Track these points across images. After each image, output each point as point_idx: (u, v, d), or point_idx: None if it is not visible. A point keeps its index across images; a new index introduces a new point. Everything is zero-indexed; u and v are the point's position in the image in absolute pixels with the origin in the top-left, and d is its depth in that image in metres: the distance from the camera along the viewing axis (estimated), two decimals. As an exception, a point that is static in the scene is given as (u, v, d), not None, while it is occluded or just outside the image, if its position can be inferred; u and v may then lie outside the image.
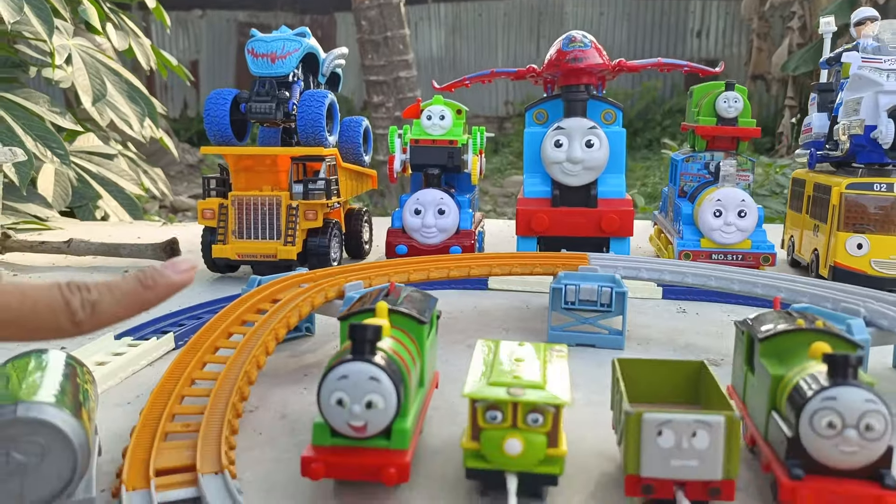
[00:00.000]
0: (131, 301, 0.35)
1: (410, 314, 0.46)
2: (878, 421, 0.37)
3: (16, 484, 0.35)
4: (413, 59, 4.43)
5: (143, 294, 0.36)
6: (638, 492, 0.39)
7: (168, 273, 0.37)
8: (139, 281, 0.36)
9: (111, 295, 0.34)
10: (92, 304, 0.34)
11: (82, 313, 0.33)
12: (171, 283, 0.37)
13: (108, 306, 0.34)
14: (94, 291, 0.34)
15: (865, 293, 0.64)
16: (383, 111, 4.32)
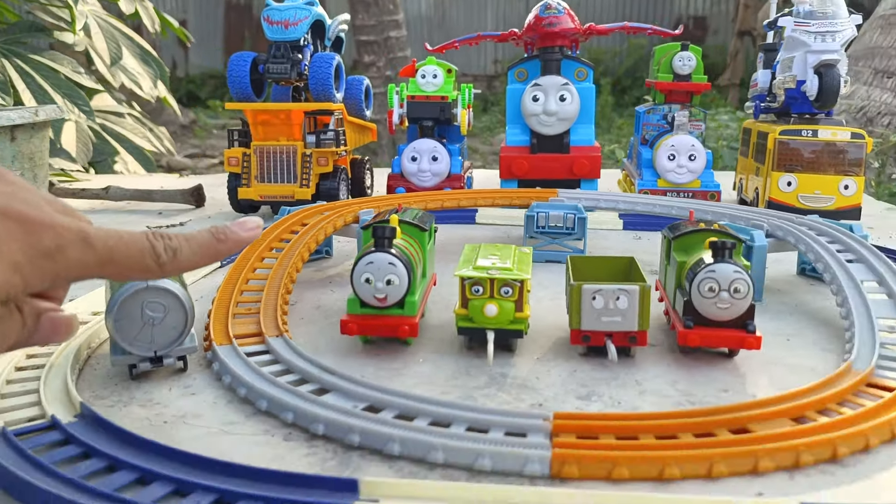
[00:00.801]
0: (206, 251, 0.39)
1: (414, 223, 0.62)
2: (743, 286, 0.53)
3: (148, 333, 0.51)
4: (403, 19, 4.51)
5: (216, 246, 0.40)
6: (580, 341, 0.56)
7: (237, 230, 0.41)
8: (213, 234, 0.40)
9: (188, 244, 0.39)
10: (174, 251, 0.38)
11: (165, 256, 0.37)
12: (240, 239, 0.41)
13: (187, 253, 0.38)
14: (175, 240, 0.38)
15: (773, 214, 0.80)
16: (374, 70, 4.41)
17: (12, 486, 0.37)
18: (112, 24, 1.86)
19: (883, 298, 0.61)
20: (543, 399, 0.50)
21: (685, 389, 0.51)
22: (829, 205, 1.03)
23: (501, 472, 0.40)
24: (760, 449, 0.40)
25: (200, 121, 6.51)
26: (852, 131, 1.03)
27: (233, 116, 7.07)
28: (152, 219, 1.13)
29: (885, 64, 3.23)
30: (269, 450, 0.43)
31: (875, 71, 3.24)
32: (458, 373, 0.54)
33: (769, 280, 0.79)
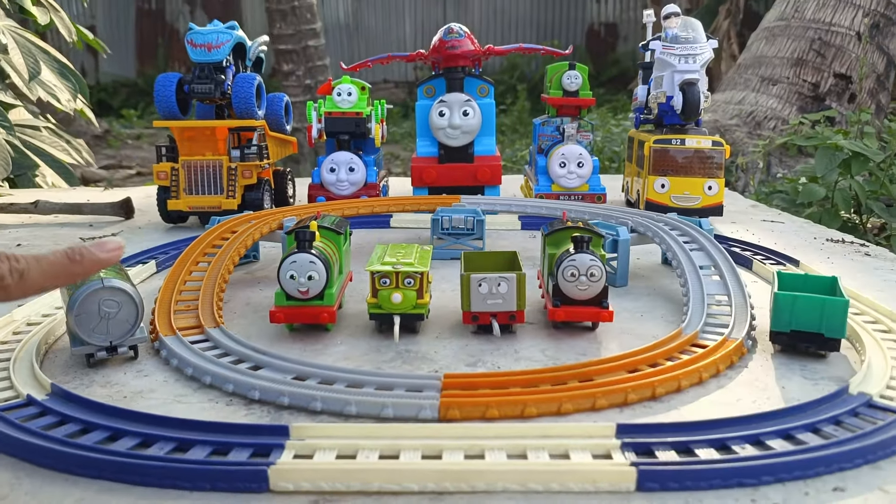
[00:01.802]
0: (57, 273, 0.38)
1: (331, 227, 0.73)
2: (598, 271, 0.66)
3: (104, 325, 0.60)
4: (321, 28, 4.57)
5: (69, 267, 0.38)
6: (470, 321, 0.68)
7: (95, 251, 0.40)
8: (67, 255, 0.39)
9: (38, 266, 0.37)
10: (20, 273, 0.36)
11: (10, 279, 0.36)
12: (97, 260, 0.40)
13: (35, 275, 0.37)
14: (23, 261, 0.37)
15: (638, 213, 0.95)
16: (293, 79, 4.47)
17: (13, 448, 0.46)
18: (28, 38, 1.89)
19: (715, 280, 0.76)
20: (439, 367, 0.61)
21: (552, 355, 0.64)
22: (696, 203, 1.19)
23: (402, 418, 0.51)
24: (598, 391, 0.53)
25: (114, 130, 6.38)
26: (713, 139, 1.19)
27: (147, 126, 6.95)
28: (84, 230, 1.19)
29: (770, 72, 3.52)
30: (214, 413, 0.53)
31: (762, 78, 3.53)
32: (370, 350, 0.65)
33: (638, 268, 0.94)
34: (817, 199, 1.94)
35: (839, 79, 3.41)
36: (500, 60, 8.42)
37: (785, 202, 2.10)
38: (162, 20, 8.51)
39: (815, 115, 3.09)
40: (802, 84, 3.42)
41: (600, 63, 8.11)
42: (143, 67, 8.45)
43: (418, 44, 8.37)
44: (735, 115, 3.45)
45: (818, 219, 1.96)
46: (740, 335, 0.64)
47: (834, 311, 0.62)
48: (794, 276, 0.70)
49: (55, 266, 0.38)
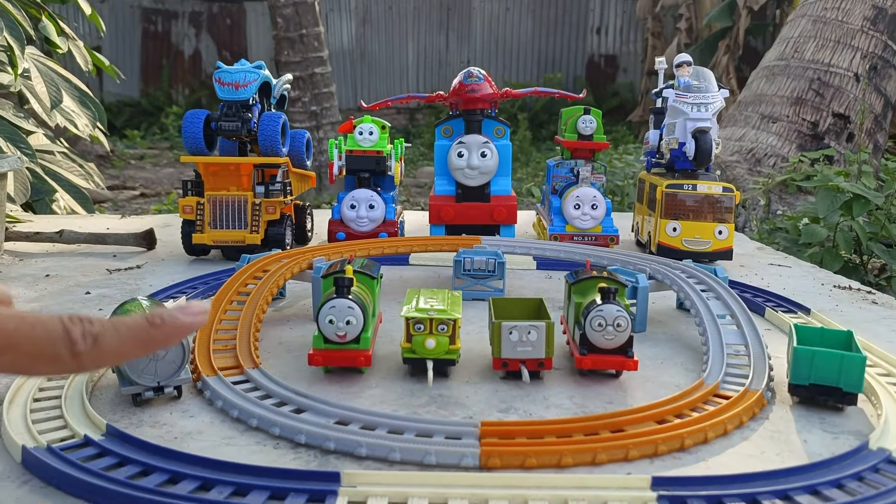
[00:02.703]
0: (136, 338, 0.33)
1: (366, 272, 0.76)
2: (624, 321, 0.69)
3: (153, 366, 0.63)
4: (328, 56, 4.64)
5: (149, 331, 0.34)
6: (500, 367, 0.70)
7: (178, 315, 0.35)
8: (147, 319, 0.34)
9: (115, 330, 0.32)
10: (94, 337, 0.32)
11: (83, 344, 0.31)
12: (181, 325, 0.35)
13: (111, 340, 0.32)
14: (98, 324, 0.32)
15: (655, 259, 0.98)
16: (300, 106, 4.53)
17: (77, 489, 0.49)
18: (50, 66, 1.93)
19: (733, 329, 0.79)
20: (472, 413, 0.64)
21: (580, 403, 0.67)
22: (706, 247, 1.22)
23: (444, 465, 0.54)
24: (630, 443, 0.56)
25: (118, 151, 6.43)
26: (724, 185, 1.22)
27: (151, 147, 7.00)
28: (108, 261, 1.22)
29: (770, 110, 3.58)
30: (263, 456, 0.55)
31: (762, 116, 3.59)
32: (404, 394, 0.68)
33: (654, 312, 0.96)
34: (819, 240, 1.98)
35: (838, 118, 3.48)
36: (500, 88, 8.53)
37: (787, 241, 2.14)
38: (168, 42, 8.61)
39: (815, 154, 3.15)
40: (802, 122, 3.49)
41: (599, 94, 8.22)
42: (147, 88, 8.53)
43: (420, 71, 8.48)
44: (736, 151, 3.51)
45: (820, 259, 2.00)
46: (760, 386, 0.67)
47: (852, 366, 0.64)
48: (810, 330, 0.73)
49: (134, 331, 0.33)
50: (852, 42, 3.46)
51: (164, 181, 5.45)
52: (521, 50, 8.50)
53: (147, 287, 1.05)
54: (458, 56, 8.39)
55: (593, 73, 8.50)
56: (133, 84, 8.57)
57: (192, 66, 8.63)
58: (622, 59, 8.52)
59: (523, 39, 8.46)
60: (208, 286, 1.02)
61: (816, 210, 2.03)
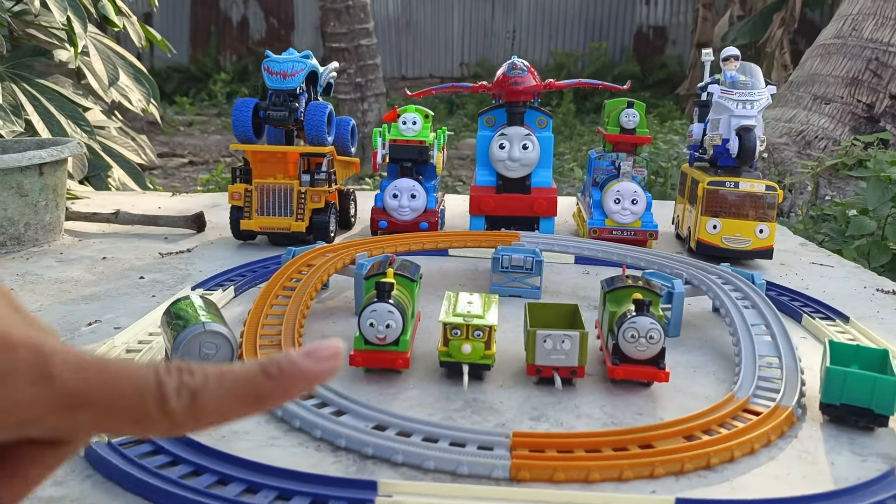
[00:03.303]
0: (245, 394, 0.25)
1: (406, 275, 0.78)
2: (657, 334, 0.71)
3: (204, 365, 0.66)
4: (373, 28, 4.63)
5: (263, 386, 0.25)
6: (534, 373, 0.72)
7: (301, 362, 0.26)
8: (262, 368, 0.26)
9: (219, 382, 0.25)
10: (192, 392, 0.25)
11: (177, 401, 0.24)
12: (305, 375, 0.26)
13: (213, 396, 0.25)
14: (199, 375, 0.25)
15: (692, 263, 0.99)
16: (345, 77, 4.54)
17: (133, 485, 0.53)
18: (106, 44, 1.98)
19: (767, 340, 0.80)
20: (505, 420, 0.66)
21: (610, 413, 0.68)
22: (746, 246, 1.21)
23: (475, 475, 0.56)
24: (656, 460, 0.58)
25: (167, 117, 6.55)
26: (766, 184, 1.21)
27: (199, 113, 7.11)
28: (160, 244, 1.27)
29: (823, 90, 3.48)
30: (305, 458, 0.59)
31: (814, 97, 3.49)
32: (440, 398, 0.70)
33: (690, 316, 0.97)
34: (868, 232, 1.94)
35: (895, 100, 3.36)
36: (546, 59, 8.41)
37: (834, 232, 2.10)
38: (216, 8, 8.68)
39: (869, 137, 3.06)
40: (856, 104, 3.38)
41: (647, 65, 8.05)
42: (196, 54, 8.64)
43: (465, 41, 8.41)
44: (784, 133, 3.42)
45: (867, 251, 1.96)
46: (791, 403, 0.68)
47: (885, 389, 0.65)
48: (845, 347, 0.73)
49: (243, 385, 0.25)
50: (914, 21, 3.33)
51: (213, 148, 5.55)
52: (567, 20, 8.36)
53: (197, 273, 1.09)
54: (503, 26, 8.29)
55: (641, 44, 8.32)
56: (182, 50, 8.68)
57: (240, 33, 8.70)
58: (671, 31, 8.31)
59: (570, 9, 8.31)
60: (256, 275, 1.06)
61: (865, 201, 1.99)
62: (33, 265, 1.11)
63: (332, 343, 0.26)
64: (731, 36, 6.67)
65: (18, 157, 1.12)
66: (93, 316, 0.90)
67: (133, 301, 0.96)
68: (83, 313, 0.91)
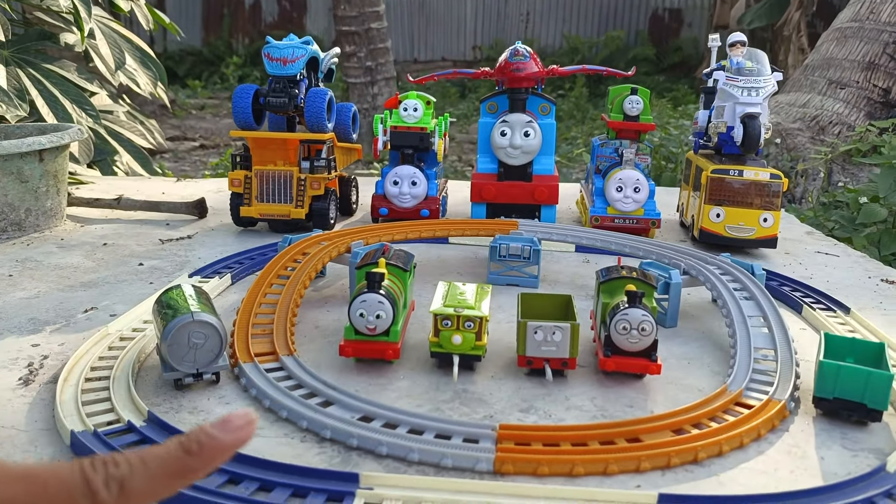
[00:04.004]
0: (169, 473, 0.28)
1: (398, 265, 0.78)
2: (649, 326, 0.70)
3: (192, 354, 0.66)
4: (384, 11, 4.60)
5: (184, 462, 0.28)
6: (525, 364, 0.72)
7: (218, 434, 0.28)
8: (180, 445, 0.28)
9: (143, 467, 0.28)
10: (119, 482, 0.27)
11: (106, 493, 0.26)
12: (222, 446, 0.28)
13: (141, 482, 0.27)
14: (124, 465, 0.27)
15: (691, 252, 0.98)
16: (355, 61, 4.53)
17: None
18: (113, 27, 1.98)
19: (764, 332, 0.79)
20: (494, 412, 0.66)
21: (601, 405, 0.68)
22: (750, 234, 1.20)
23: (459, 468, 0.56)
24: (642, 454, 0.57)
25: (179, 100, 6.56)
26: (771, 172, 1.20)
27: (211, 97, 7.12)
28: (161, 230, 1.27)
29: (838, 75, 3.42)
30: (290, 449, 0.59)
31: (829, 81, 3.44)
32: (430, 388, 0.70)
33: (689, 306, 0.96)
34: (878, 219, 1.92)
35: (912, 85, 3.30)
36: (559, 42, 8.34)
37: (844, 220, 2.08)
38: (228, -10, 8.66)
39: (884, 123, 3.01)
40: (872, 89, 3.33)
41: (663, 49, 7.96)
42: (208, 37, 8.64)
43: (478, 23, 8.34)
44: (798, 118, 3.38)
45: (878, 239, 1.94)
46: (784, 396, 0.67)
47: (878, 383, 0.64)
48: (841, 340, 0.72)
49: (166, 465, 0.28)
50: (934, 4, 3.26)
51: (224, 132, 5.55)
52: (582, 3, 8.27)
53: (196, 260, 1.09)
54: (517, 9, 8.22)
55: (657, 27, 8.23)
56: (195, 33, 8.68)
57: (252, 16, 8.68)
58: (687, 13, 8.21)
59: (587, -4, 8.22)
60: (254, 262, 1.06)
61: (877, 188, 1.96)
62: (34, 251, 1.12)
63: (243, 412, 0.29)
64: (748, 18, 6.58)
65: (18, 143, 1.12)
66: (90, 303, 0.90)
67: (131, 288, 0.97)
68: (80, 300, 0.91)
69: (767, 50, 6.81)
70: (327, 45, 7.82)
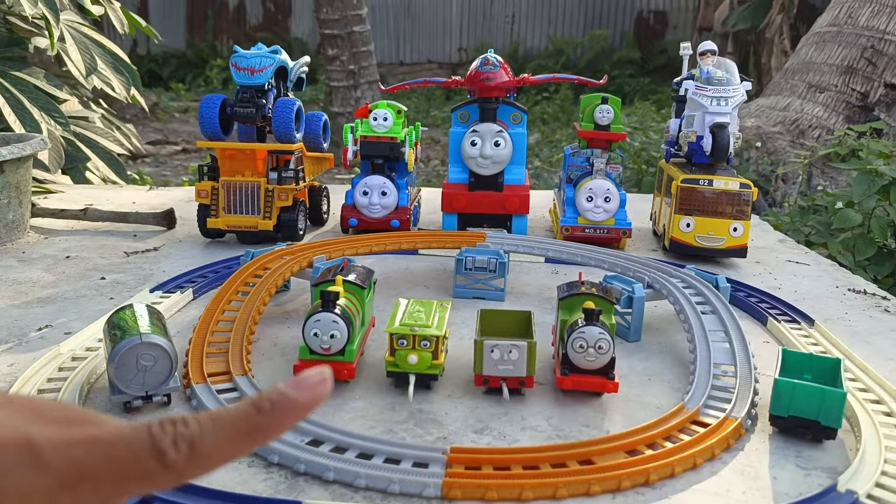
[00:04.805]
0: (241, 432, 0.27)
1: (356, 283, 0.77)
2: (605, 344, 0.69)
3: (141, 377, 0.65)
4: (367, 14, 4.59)
5: (256, 422, 0.27)
6: (482, 383, 0.71)
7: (291, 392, 0.27)
8: (254, 404, 0.27)
9: (214, 427, 0.26)
10: (189, 442, 0.26)
11: (175, 453, 0.25)
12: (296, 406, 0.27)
13: (211, 442, 0.26)
14: (193, 425, 0.26)
15: (656, 266, 0.97)
16: (337, 64, 4.52)
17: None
18: (84, 32, 1.95)
19: (725, 347, 0.78)
20: (448, 433, 0.65)
21: (556, 425, 0.67)
22: (720, 244, 1.20)
23: (407, 494, 0.55)
24: (592, 477, 0.57)
25: (162, 103, 6.51)
26: (741, 181, 1.20)
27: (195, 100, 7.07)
28: (128, 241, 1.26)
29: (818, 79, 3.44)
30: (236, 475, 0.58)
31: (809, 85, 3.46)
32: (385, 409, 0.69)
33: (655, 319, 0.96)
34: (853, 225, 1.92)
35: (890, 89, 3.33)
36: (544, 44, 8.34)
37: (820, 225, 2.08)
38: (213, -8, 8.61)
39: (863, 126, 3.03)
40: (851, 93, 3.35)
41: (648, 51, 7.99)
42: (192, 39, 8.59)
43: (464, 25, 8.34)
44: (779, 121, 3.39)
45: (853, 244, 1.94)
46: (741, 414, 0.67)
47: (832, 402, 0.64)
48: (799, 356, 0.72)
49: (238, 424, 0.26)
50: (911, 8, 3.29)
51: (206, 136, 5.51)
52: (567, 4, 8.29)
53: (160, 273, 1.08)
54: (502, 10, 8.22)
55: (642, 29, 8.25)
56: (178, 35, 8.63)
57: (237, 18, 8.64)
58: (672, 16, 8.24)
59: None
60: (218, 276, 1.04)
61: (852, 194, 1.97)
62: (-5, 265, 1.10)
63: (319, 370, 0.28)
64: (732, 21, 6.61)
65: (-22, 155, 1.10)
66: (46, 320, 0.89)
67: (90, 304, 0.95)
68: (36, 317, 0.90)
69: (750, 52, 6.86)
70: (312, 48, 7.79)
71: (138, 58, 8.39)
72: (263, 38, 1.28)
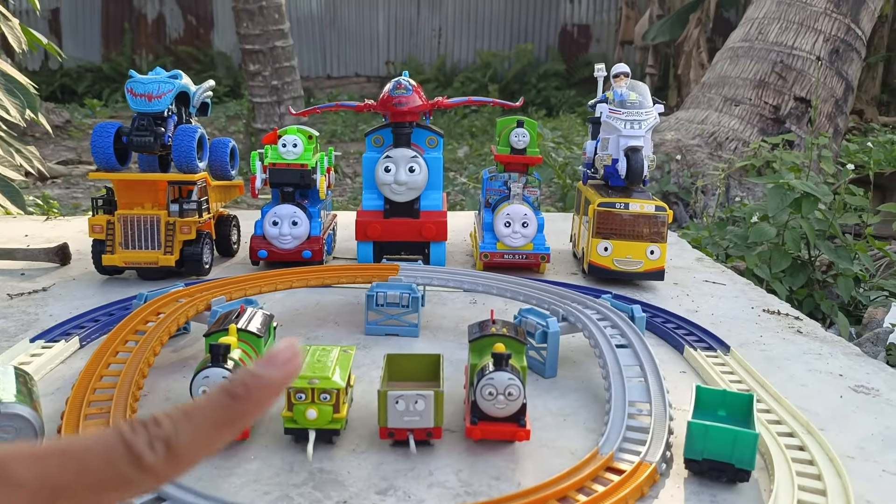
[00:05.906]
0: (218, 422, 0.25)
1: (251, 331, 0.72)
2: (515, 390, 0.66)
3: None
4: (289, 29, 4.51)
5: (232, 408, 0.26)
6: (387, 436, 0.67)
7: (264, 372, 0.26)
8: (227, 392, 0.26)
9: (189, 422, 0.25)
10: (164, 441, 0.25)
11: (152, 456, 0.24)
12: (271, 384, 0.26)
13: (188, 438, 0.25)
14: (166, 423, 0.25)
15: (571, 298, 0.95)
16: (260, 80, 4.42)
17: None
18: (-26, 55, 1.83)
19: (639, 383, 0.76)
20: (349, 495, 0.61)
21: (466, 480, 0.64)
22: (638, 268, 1.19)
23: (297, 575, 0.51)
24: (499, 543, 0.53)
25: (75, 121, 6.24)
26: (657, 204, 1.19)
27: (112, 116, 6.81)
28: (14, 281, 1.16)
29: (733, 92, 3.55)
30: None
31: (725, 99, 3.56)
32: (282, 470, 0.64)
33: (570, 351, 0.94)
34: (768, 238, 1.97)
35: (799, 102, 3.46)
36: (472, 58, 8.40)
37: (737, 238, 2.13)
38: (129, 4, 8.34)
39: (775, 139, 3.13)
40: (764, 106, 3.46)
41: (573, 64, 8.13)
42: (108, 52, 8.28)
43: (391, 38, 8.31)
44: (697, 134, 3.48)
45: (769, 256, 1.99)
46: (655, 457, 0.65)
47: (744, 444, 0.62)
48: (712, 392, 0.70)
49: (213, 415, 0.25)
50: (815, 25, 3.43)
51: (123, 154, 5.30)
52: (493, 18, 8.36)
53: (47, 318, 1.00)
54: (429, 24, 8.24)
55: (566, 42, 8.40)
56: (94, 49, 8.32)
57: (156, 31, 8.39)
58: (595, 29, 8.42)
59: (496, 8, 8.31)
60: (113, 318, 0.97)
61: (766, 208, 2.01)
62: None
63: (287, 344, 0.27)
64: (651, 34, 6.80)
65: None
66: None
67: (-37, 357, 0.86)
68: None
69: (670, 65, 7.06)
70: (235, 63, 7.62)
71: (50, 72, 8.04)
72: (185, 52, 1.20)
